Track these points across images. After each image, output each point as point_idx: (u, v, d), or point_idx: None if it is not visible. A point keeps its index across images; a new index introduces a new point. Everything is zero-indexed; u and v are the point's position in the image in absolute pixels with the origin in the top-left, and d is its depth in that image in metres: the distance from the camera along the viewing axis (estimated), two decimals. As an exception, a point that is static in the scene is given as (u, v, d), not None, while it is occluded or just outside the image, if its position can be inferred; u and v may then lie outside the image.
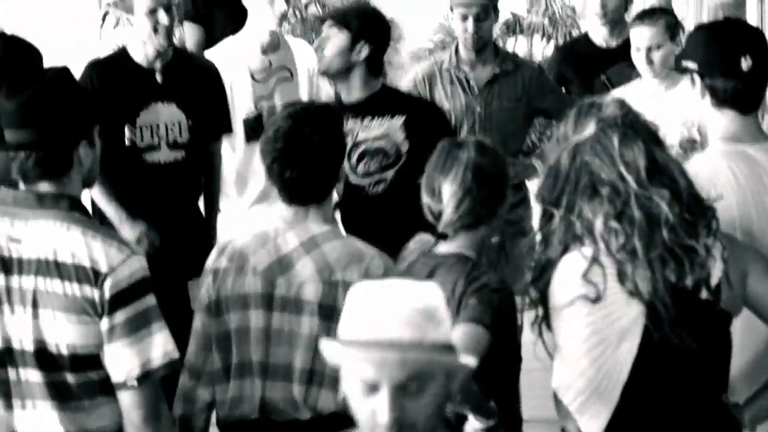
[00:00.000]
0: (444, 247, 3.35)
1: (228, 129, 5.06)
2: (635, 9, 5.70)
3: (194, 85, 4.95)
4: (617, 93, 4.98)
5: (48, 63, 3.90)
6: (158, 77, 4.87)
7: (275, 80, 5.14)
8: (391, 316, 2.26)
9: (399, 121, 4.61)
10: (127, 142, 4.81)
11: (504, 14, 7.20)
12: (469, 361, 2.32)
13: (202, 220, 5.07)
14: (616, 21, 5.62)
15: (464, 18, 5.18)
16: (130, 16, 4.78)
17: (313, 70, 5.17)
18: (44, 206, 2.96)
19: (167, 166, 4.89)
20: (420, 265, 3.34)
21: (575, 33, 7.58)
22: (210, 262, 3.38)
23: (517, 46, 7.75)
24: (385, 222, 4.43)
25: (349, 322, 2.30)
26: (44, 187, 2.98)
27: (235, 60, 5.11)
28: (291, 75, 5.19)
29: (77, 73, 4.02)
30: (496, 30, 6.07)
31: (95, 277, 2.90)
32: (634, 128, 2.92)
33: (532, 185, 5.29)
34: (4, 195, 3.01)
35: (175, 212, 4.93)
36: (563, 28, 7.90)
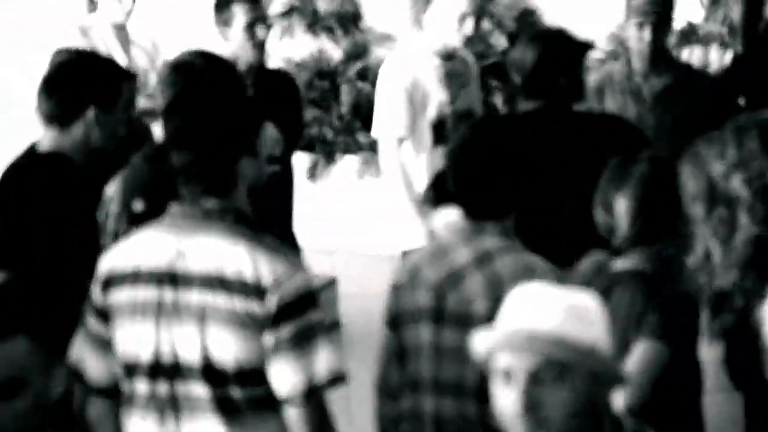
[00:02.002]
0: (620, 264, 3.28)
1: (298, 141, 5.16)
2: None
3: (280, 98, 5.03)
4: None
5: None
6: (250, 92, 4.95)
7: (456, 87, 5.16)
8: (533, 307, 2.34)
9: None
10: None
11: (679, 23, 7.01)
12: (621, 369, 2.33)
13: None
14: None
15: (641, 26, 5.09)
16: (224, 29, 4.84)
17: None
18: (210, 221, 2.98)
19: (270, 180, 4.98)
20: (597, 282, 3.28)
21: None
22: (394, 277, 3.37)
23: (693, 56, 7.52)
24: None
25: (500, 315, 2.39)
26: (210, 202, 3.00)
27: (421, 65, 5.15)
28: (468, 83, 5.23)
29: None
30: (671, 39, 5.95)
31: (261, 292, 2.89)
32: None
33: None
34: (173, 210, 3.04)
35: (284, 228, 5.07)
36: (742, 35, 7.66)
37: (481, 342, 2.37)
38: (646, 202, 3.24)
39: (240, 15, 4.83)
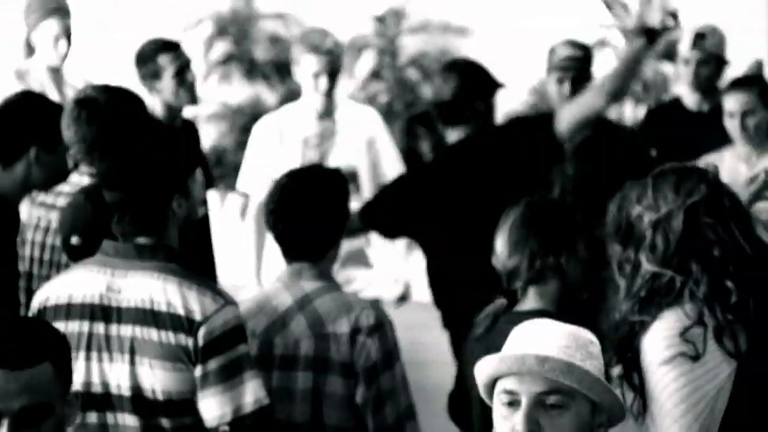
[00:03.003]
0: (524, 305, 3.38)
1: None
2: (727, 77, 5.70)
3: (195, 141, 5.15)
4: (711, 158, 4.98)
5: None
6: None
7: (328, 145, 5.22)
8: (540, 335, 2.38)
9: None
10: None
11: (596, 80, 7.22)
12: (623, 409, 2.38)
13: None
14: (708, 88, 5.63)
15: (560, 81, 5.21)
16: (152, 82, 4.90)
17: (374, 137, 5.30)
18: (142, 258, 3.04)
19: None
20: (502, 325, 3.34)
21: (667, 98, 7.59)
22: None
23: (609, 111, 7.76)
24: None
25: (505, 347, 2.41)
26: (142, 239, 3.07)
27: (289, 126, 5.22)
28: (347, 141, 5.26)
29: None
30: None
31: (190, 326, 2.96)
32: (733, 192, 2.99)
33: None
34: (105, 247, 3.09)
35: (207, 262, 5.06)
36: (655, 93, 7.88)
37: (485, 366, 2.39)
38: (518, 242, 3.35)
39: (167, 65, 4.88)
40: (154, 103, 4.92)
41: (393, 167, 5.36)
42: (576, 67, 5.22)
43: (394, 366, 3.33)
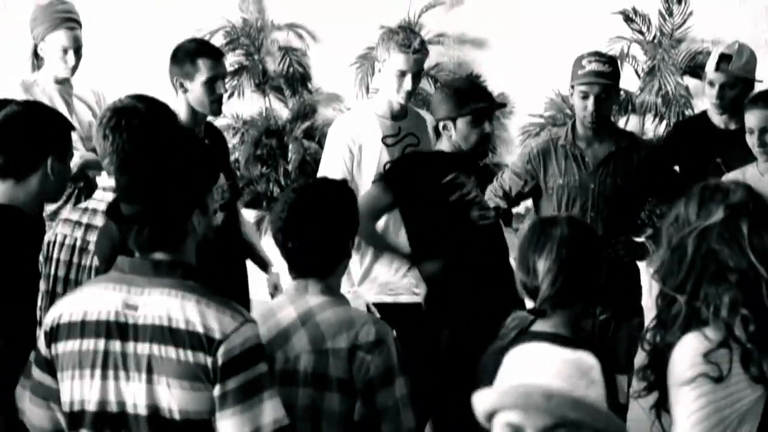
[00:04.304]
0: (540, 326, 3.34)
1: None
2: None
3: (220, 149, 5.16)
4: (731, 176, 4.95)
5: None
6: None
7: (403, 146, 5.21)
8: (542, 365, 2.34)
9: None
10: None
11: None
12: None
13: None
14: (734, 108, 5.50)
15: (585, 96, 5.11)
16: (182, 81, 4.84)
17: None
18: (160, 274, 3.00)
19: (221, 229, 4.97)
20: (518, 341, 3.25)
21: (688, 113, 7.48)
22: None
23: (629, 124, 7.68)
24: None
25: (502, 374, 2.38)
26: (159, 255, 3.03)
27: (364, 126, 5.22)
28: (418, 142, 5.27)
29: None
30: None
31: (209, 345, 2.92)
32: (763, 215, 2.94)
33: (642, 264, 5.23)
34: (121, 262, 3.06)
35: (237, 274, 5.06)
36: (676, 107, 7.81)
37: (486, 399, 2.36)
38: (565, 263, 3.29)
39: (203, 70, 4.83)
40: (179, 104, 4.87)
41: None
42: (602, 83, 5.10)
43: (394, 383, 3.28)
